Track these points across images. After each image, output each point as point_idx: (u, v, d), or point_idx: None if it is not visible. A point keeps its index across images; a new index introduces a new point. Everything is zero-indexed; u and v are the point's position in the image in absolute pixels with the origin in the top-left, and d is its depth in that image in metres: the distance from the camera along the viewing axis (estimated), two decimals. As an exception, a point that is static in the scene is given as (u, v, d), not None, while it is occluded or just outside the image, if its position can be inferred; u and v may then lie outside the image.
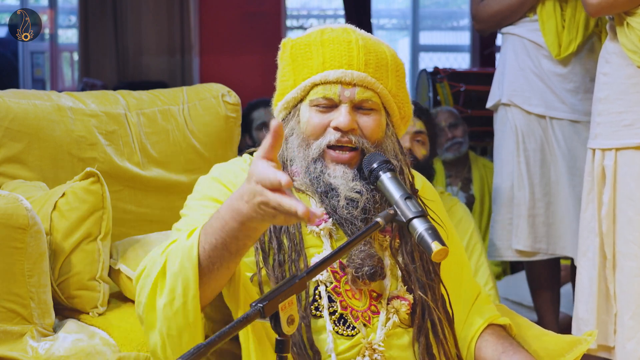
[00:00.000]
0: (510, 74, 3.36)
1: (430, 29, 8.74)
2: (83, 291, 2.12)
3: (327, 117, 1.78)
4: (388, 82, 1.81)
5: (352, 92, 1.77)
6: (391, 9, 8.95)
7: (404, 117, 1.88)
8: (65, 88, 8.00)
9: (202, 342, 1.32)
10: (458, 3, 8.97)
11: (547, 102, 3.28)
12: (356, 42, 1.79)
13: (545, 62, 3.28)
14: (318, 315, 1.74)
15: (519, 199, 3.32)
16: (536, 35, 3.29)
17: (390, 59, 1.82)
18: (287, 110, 1.86)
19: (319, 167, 1.78)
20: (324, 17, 8.67)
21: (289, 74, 1.84)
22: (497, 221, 3.42)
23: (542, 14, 3.25)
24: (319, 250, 1.77)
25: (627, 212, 2.57)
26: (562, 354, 1.92)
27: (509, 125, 3.34)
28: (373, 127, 1.79)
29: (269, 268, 1.74)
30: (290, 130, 1.83)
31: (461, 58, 8.40)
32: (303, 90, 1.81)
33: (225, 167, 1.88)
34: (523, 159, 3.31)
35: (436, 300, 1.80)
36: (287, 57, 1.85)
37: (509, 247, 3.37)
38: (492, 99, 3.46)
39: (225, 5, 7.30)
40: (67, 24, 8.25)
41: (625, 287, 2.58)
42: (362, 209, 1.76)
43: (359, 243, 1.66)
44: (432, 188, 2.02)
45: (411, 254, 1.80)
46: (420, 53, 8.25)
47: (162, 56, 7.15)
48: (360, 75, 1.77)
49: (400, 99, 1.85)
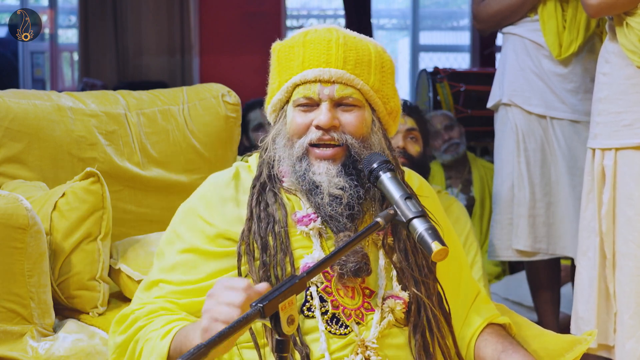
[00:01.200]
0: (510, 74, 3.36)
1: (430, 29, 8.75)
2: (83, 291, 2.12)
3: (310, 117, 1.80)
4: (370, 77, 1.81)
5: (331, 89, 1.78)
6: (391, 9, 8.96)
7: (391, 113, 1.87)
8: (65, 88, 8.00)
9: (202, 342, 1.32)
10: (458, 3, 8.97)
11: (547, 102, 3.29)
12: (336, 40, 1.80)
13: (545, 62, 3.28)
14: (310, 315, 1.74)
15: (519, 199, 3.32)
16: (537, 35, 3.29)
17: (374, 55, 1.83)
18: (275, 113, 1.89)
19: (304, 165, 1.79)
20: (324, 17, 8.68)
21: (275, 76, 1.87)
22: (497, 221, 3.42)
23: (543, 14, 3.25)
24: (308, 251, 1.77)
25: (627, 212, 2.58)
26: (561, 353, 1.92)
27: (509, 125, 3.34)
28: (355, 124, 1.79)
29: (253, 270, 1.74)
30: (277, 131, 1.85)
31: (461, 58, 8.40)
32: (286, 92, 1.83)
33: (210, 185, 1.88)
34: (523, 159, 3.31)
35: (431, 296, 1.80)
36: (274, 61, 1.88)
37: (509, 247, 3.37)
38: (492, 99, 3.46)
39: (225, 5, 7.30)
40: (67, 24, 8.25)
41: (625, 286, 2.58)
42: (346, 205, 1.77)
43: (359, 243, 1.66)
44: (428, 185, 2.01)
45: (405, 252, 1.81)
46: (420, 53, 8.25)
47: (162, 56, 7.15)
48: (338, 73, 1.78)
49: (385, 94, 1.85)
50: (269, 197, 1.80)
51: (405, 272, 1.79)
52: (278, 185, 1.82)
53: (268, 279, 1.74)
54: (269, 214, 1.78)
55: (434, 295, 1.81)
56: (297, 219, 1.79)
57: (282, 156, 1.82)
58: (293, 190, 1.82)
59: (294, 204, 1.82)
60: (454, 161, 4.63)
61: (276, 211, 1.78)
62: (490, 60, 7.83)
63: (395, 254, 1.81)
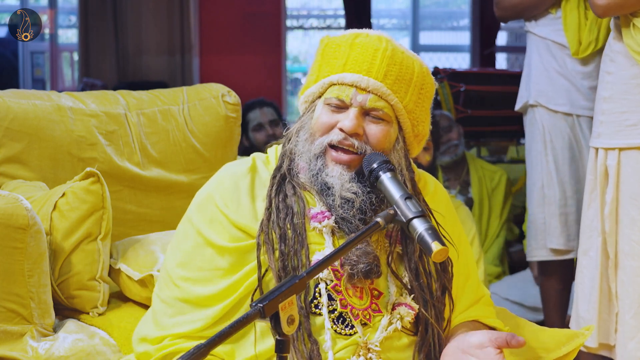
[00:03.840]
0: (535, 75, 3.36)
1: (430, 29, 8.76)
2: (83, 291, 2.12)
3: (336, 117, 1.79)
4: (406, 97, 1.80)
5: (364, 98, 1.78)
6: (391, 9, 8.96)
7: (417, 136, 1.87)
8: (65, 88, 8.00)
9: (202, 342, 1.32)
10: (458, 3, 8.98)
11: (572, 100, 3.29)
12: (384, 51, 1.79)
13: (569, 62, 3.29)
14: (317, 313, 1.74)
15: (550, 198, 3.32)
16: (559, 35, 3.28)
17: (417, 74, 1.82)
18: (307, 104, 1.88)
19: (319, 164, 1.78)
20: (324, 17, 8.68)
21: (315, 69, 1.87)
22: (532, 222, 3.42)
23: (566, 9, 3.25)
24: (320, 248, 1.77)
25: (630, 212, 2.58)
26: (558, 346, 1.92)
27: (537, 126, 3.35)
28: (379, 137, 1.79)
29: (271, 260, 1.74)
30: (302, 124, 1.85)
31: (461, 58, 8.41)
32: (322, 88, 1.83)
33: (227, 174, 1.87)
34: (551, 157, 3.32)
35: (440, 321, 1.80)
36: (319, 53, 1.88)
37: (544, 246, 3.36)
38: (519, 102, 3.46)
39: (225, 5, 7.30)
40: (67, 24, 8.25)
41: (628, 286, 2.58)
42: (358, 209, 1.76)
43: (359, 243, 1.66)
44: (446, 197, 1.98)
45: (415, 270, 1.80)
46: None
47: (162, 56, 7.15)
48: (375, 84, 1.78)
49: (417, 116, 1.84)
50: (288, 189, 1.80)
51: (415, 291, 1.79)
52: (295, 179, 1.82)
53: (285, 269, 1.73)
54: (288, 205, 1.78)
55: (444, 321, 1.81)
56: (312, 215, 1.79)
57: (301, 150, 1.82)
58: (308, 187, 1.82)
59: (309, 199, 1.82)
60: (452, 162, 4.63)
61: (295, 203, 1.78)
62: (490, 60, 7.84)
63: (403, 268, 1.80)
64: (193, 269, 1.79)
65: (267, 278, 1.75)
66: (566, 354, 1.92)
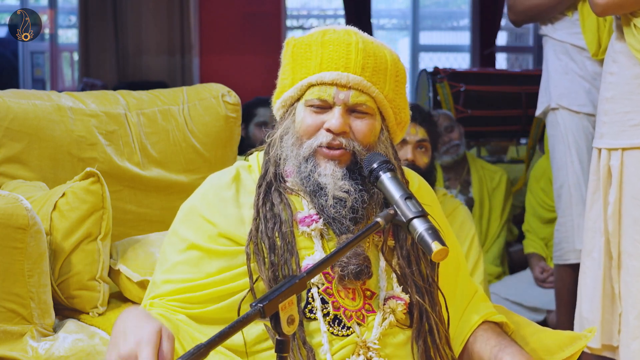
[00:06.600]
0: (554, 78, 3.35)
1: (430, 29, 8.75)
2: (83, 291, 2.12)
3: (321, 118, 1.79)
4: (385, 86, 1.81)
5: (346, 94, 1.78)
6: (391, 9, 8.96)
7: (400, 123, 1.88)
8: (65, 88, 8.00)
9: (202, 342, 1.32)
10: (458, 3, 8.98)
11: (594, 100, 3.27)
12: (356, 44, 1.79)
13: (589, 64, 3.28)
14: (312, 317, 1.74)
15: (576, 198, 3.31)
16: (577, 38, 3.27)
17: (390, 63, 1.82)
18: (284, 109, 1.87)
19: (310, 166, 1.78)
20: (324, 17, 8.68)
21: (288, 72, 1.85)
22: (561, 224, 3.41)
23: (583, 10, 3.23)
24: (309, 252, 1.77)
25: (633, 212, 2.57)
26: (561, 348, 1.91)
27: (559, 129, 3.34)
28: (365, 131, 1.79)
29: (262, 270, 1.74)
30: (285, 129, 1.84)
31: (461, 58, 8.41)
32: (300, 90, 1.82)
33: (210, 185, 1.88)
34: (576, 158, 3.31)
35: (434, 305, 1.80)
36: (288, 56, 1.86)
37: (574, 249, 3.35)
38: (540, 107, 3.45)
39: (225, 5, 7.31)
40: (67, 24, 8.25)
41: (631, 286, 2.57)
42: (350, 208, 1.77)
43: (358, 243, 1.66)
44: (431, 191, 2.01)
45: (407, 258, 1.80)
46: (420, 53, 8.25)
47: (162, 56, 7.15)
48: (355, 79, 1.77)
49: (397, 104, 1.85)
50: (274, 197, 1.80)
51: (407, 278, 1.79)
52: (282, 184, 1.82)
53: (276, 279, 1.73)
54: (275, 214, 1.78)
55: (437, 305, 1.81)
56: (299, 219, 1.79)
57: (288, 155, 1.81)
58: (295, 191, 1.82)
59: (296, 204, 1.82)
60: (453, 162, 4.62)
61: (282, 211, 1.78)
62: (490, 60, 7.84)
63: (396, 258, 1.81)
64: (178, 273, 1.80)
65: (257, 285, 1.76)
66: (568, 357, 1.91)
